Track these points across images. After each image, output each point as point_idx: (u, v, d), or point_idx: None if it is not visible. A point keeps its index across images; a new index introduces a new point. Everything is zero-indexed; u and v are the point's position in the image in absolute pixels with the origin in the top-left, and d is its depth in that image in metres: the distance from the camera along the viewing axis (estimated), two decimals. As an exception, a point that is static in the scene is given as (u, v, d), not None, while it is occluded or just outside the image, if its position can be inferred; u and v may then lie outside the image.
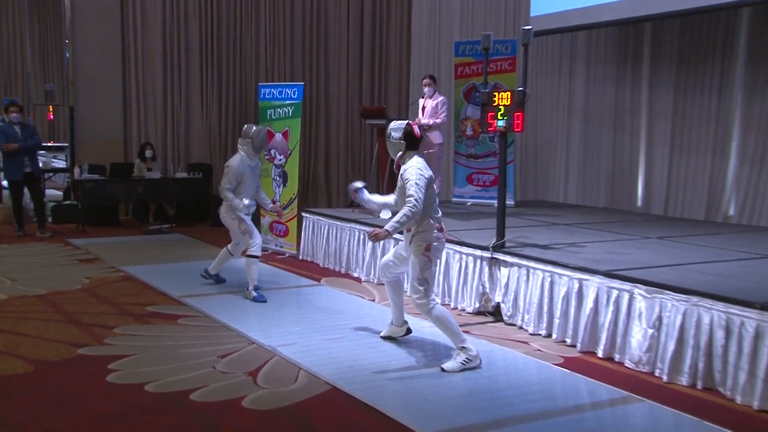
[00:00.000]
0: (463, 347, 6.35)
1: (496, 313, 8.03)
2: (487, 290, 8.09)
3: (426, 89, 11.11)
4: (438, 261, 7.06)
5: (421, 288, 6.36)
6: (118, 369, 6.19)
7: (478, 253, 8.17)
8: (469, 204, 12.24)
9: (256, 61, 15.31)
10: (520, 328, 7.67)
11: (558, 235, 9.01)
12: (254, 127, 8.83)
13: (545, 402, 5.72)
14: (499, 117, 7.90)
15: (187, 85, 14.98)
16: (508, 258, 7.87)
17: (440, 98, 11.08)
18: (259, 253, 8.71)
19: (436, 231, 6.46)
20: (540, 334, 7.42)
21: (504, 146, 8.21)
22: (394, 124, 6.68)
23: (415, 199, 6.18)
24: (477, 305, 8.17)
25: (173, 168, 14.39)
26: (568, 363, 6.65)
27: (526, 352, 6.91)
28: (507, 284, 7.87)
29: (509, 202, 11.02)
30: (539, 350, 7.00)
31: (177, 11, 14.74)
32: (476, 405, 5.61)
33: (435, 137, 11.00)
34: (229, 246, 9.06)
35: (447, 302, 8.48)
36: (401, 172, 6.48)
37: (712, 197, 11.23)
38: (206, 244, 12.20)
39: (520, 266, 7.73)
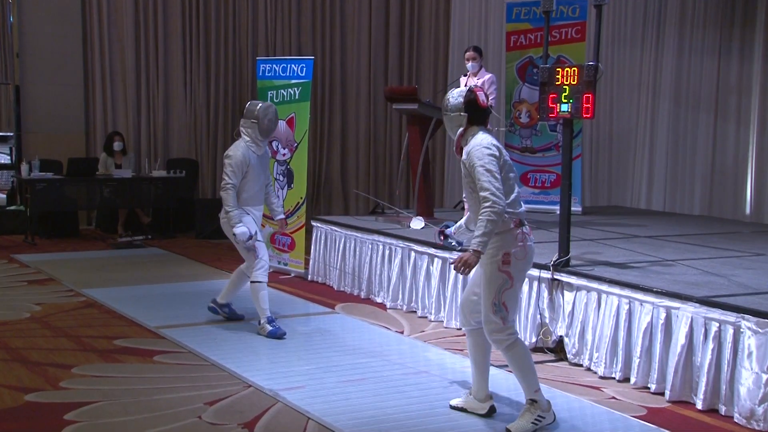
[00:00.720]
0: (534, 400, 5.97)
1: (558, 350, 8.04)
2: (547, 320, 8.09)
3: (469, 65, 11.12)
4: (524, 277, 6.41)
5: (497, 317, 5.91)
6: (77, 420, 6.11)
7: (536, 273, 8.14)
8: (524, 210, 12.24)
9: (254, 30, 15.36)
10: (589, 369, 7.65)
11: (639, 251, 9.01)
12: (260, 104, 8.60)
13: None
14: (564, 100, 7.92)
15: (166, 61, 14.94)
16: (573, 279, 7.87)
17: (487, 76, 11.08)
18: (265, 279, 8.51)
19: (517, 231, 5.97)
20: (614, 378, 7.43)
21: (569, 137, 8.22)
22: (453, 92, 6.28)
23: (491, 193, 5.66)
24: (534, 339, 8.17)
25: (148, 165, 14.42)
26: (654, 415, 6.61)
27: (596, 401, 6.90)
28: (572, 313, 7.86)
29: (576, 208, 11.05)
30: (614, 398, 6.98)
31: None
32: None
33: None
34: (243, 266, 8.79)
35: (496, 336, 8.47)
36: (464, 156, 6.03)
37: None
38: (190, 261, 12.27)
39: (589, 290, 7.72)
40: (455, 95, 6.16)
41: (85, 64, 14.84)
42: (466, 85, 10.97)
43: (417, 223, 10.36)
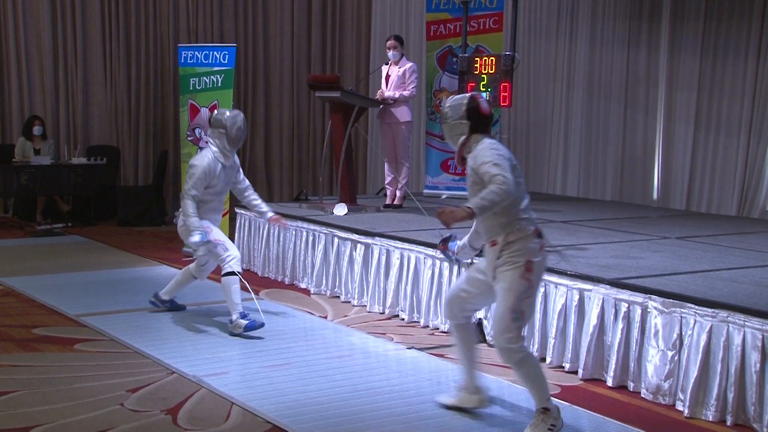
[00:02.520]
0: (546, 408, 5.55)
1: (478, 332, 8.08)
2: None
3: (391, 53, 11.17)
4: (539, 287, 6.11)
5: (515, 326, 5.46)
6: None
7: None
8: (444, 197, 12.36)
9: (175, 16, 15.24)
10: (508, 350, 7.73)
11: (554, 235, 9.08)
12: (227, 112, 8.11)
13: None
14: (482, 88, 8.03)
15: (84, 45, 14.66)
16: (493, 264, 7.94)
17: (408, 65, 11.14)
18: (239, 268, 8.05)
19: (537, 240, 5.60)
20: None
21: (488, 124, 8.29)
22: (450, 100, 5.88)
23: (502, 174, 5.25)
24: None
25: (68, 152, 14.16)
26: (567, 393, 6.71)
27: (514, 380, 6.86)
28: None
29: (494, 194, 11.08)
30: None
31: None
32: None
33: (402, 114, 11.12)
34: (192, 266, 8.48)
35: (416, 319, 8.56)
36: (469, 163, 5.61)
37: (746, 188, 11.46)
38: (112, 248, 12.16)
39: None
40: (454, 104, 5.76)
41: None
42: (387, 75, 11.14)
43: (340, 210, 10.37)
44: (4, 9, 14.35)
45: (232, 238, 11.08)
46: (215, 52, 11.42)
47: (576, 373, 7.11)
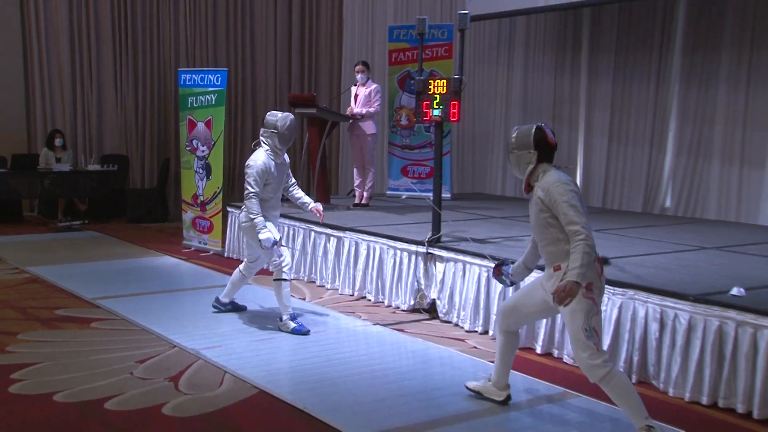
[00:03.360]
0: (650, 426, 4.84)
1: (431, 310, 8.17)
2: (423, 286, 8.22)
3: (359, 76, 11.24)
4: (602, 304, 5.43)
5: (591, 342, 4.92)
6: (23, 379, 6.01)
7: (413, 248, 8.29)
8: (404, 197, 12.40)
9: (176, 44, 15.20)
10: (456, 325, 7.79)
11: (495, 229, 9.20)
12: (279, 114, 7.58)
13: (481, 401, 5.80)
14: (435, 106, 8.03)
15: (99, 69, 14.60)
16: (443, 253, 8.00)
17: (374, 86, 11.22)
18: (290, 275, 7.52)
19: (597, 265, 5.05)
20: (476, 331, 7.57)
21: (440, 137, 8.34)
22: (517, 131, 5.31)
23: (582, 226, 4.84)
24: (412, 302, 8.28)
25: (85, 159, 14.13)
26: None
27: (461, 350, 7.04)
28: (443, 280, 8.00)
29: (445, 194, 11.16)
30: (475, 347, 7.14)
31: None
32: (411, 406, 5.71)
33: (368, 127, 11.14)
34: (241, 266, 7.91)
35: (381, 300, 8.62)
36: (538, 193, 5.10)
37: (649, 189, 11.60)
38: (122, 242, 12.12)
39: (456, 261, 7.86)
40: (521, 135, 5.21)
41: (25, 73, 14.31)
42: (356, 94, 11.17)
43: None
44: (31, 41, 14.25)
45: (224, 232, 11.11)
46: (210, 75, 11.38)
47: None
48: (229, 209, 11.19)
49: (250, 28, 15.48)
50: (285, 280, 7.36)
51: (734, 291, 6.13)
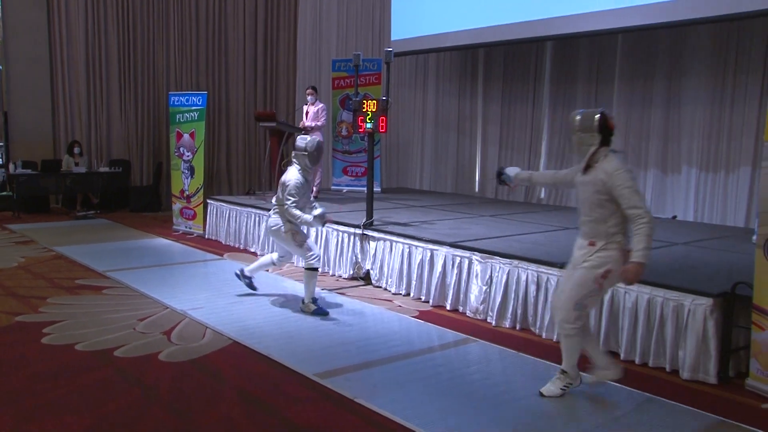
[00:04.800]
0: (564, 371, 4.79)
1: (366, 278, 8.17)
2: (359, 260, 8.21)
3: (309, 98, 11.18)
4: (607, 292, 5.08)
5: (575, 314, 4.55)
6: (52, 333, 5.98)
7: (352, 230, 8.29)
8: (345, 191, 12.36)
9: (167, 72, 14.93)
10: (385, 289, 7.81)
11: (415, 215, 9.23)
12: (308, 138, 6.93)
13: (405, 346, 5.87)
14: (368, 120, 8.03)
15: (108, 92, 14.35)
16: (375, 234, 8.01)
17: (320, 105, 11.15)
18: (319, 265, 6.90)
19: (624, 251, 4.46)
20: (401, 294, 7.59)
21: (372, 144, 8.34)
22: (580, 114, 4.59)
23: (645, 211, 4.26)
24: (351, 272, 8.28)
25: (97, 163, 13.90)
26: (423, 315, 6.85)
27: (389, 308, 7.07)
28: (375, 255, 8.01)
29: (377, 189, 11.19)
30: (400, 306, 7.17)
31: (98, 27, 13.98)
32: (350, 351, 5.72)
33: (316, 137, 11.04)
34: (274, 256, 7.30)
35: (326, 270, 8.56)
36: (599, 175, 4.43)
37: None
38: (126, 227, 11.89)
39: (385, 240, 7.88)
40: (585, 117, 4.54)
41: (52, 95, 13.85)
42: (306, 111, 11.10)
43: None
44: (56, 71, 13.87)
45: (205, 219, 10.98)
46: (193, 97, 11.24)
47: (428, 302, 7.23)
48: (209, 201, 11.05)
49: (225, 60, 15.28)
50: (315, 269, 6.77)
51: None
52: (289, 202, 6.66)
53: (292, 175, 6.79)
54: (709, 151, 9.47)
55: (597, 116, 4.47)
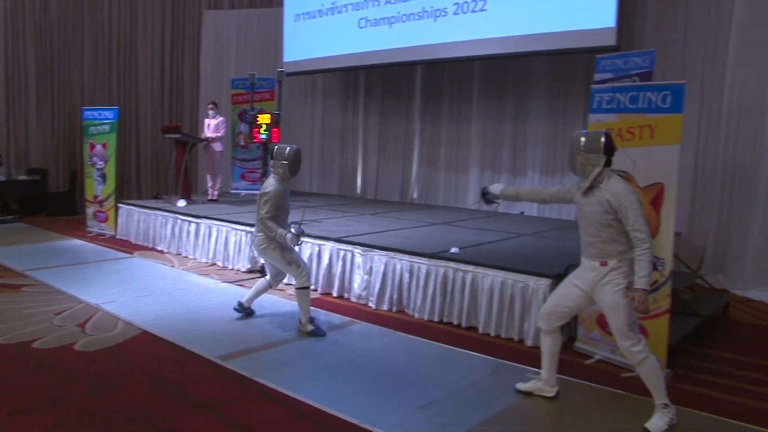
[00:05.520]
0: (666, 404, 4.02)
1: (261, 271, 8.02)
2: (255, 255, 8.13)
3: (210, 112, 11.02)
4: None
5: (633, 334, 3.99)
6: None
7: (249, 229, 8.18)
8: (243, 194, 12.21)
9: (81, 88, 14.25)
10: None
11: (306, 214, 9.21)
12: (288, 148, 5.84)
13: (296, 330, 5.87)
14: (262, 131, 8.02)
15: (26, 105, 13.47)
16: (269, 232, 7.96)
17: (221, 118, 11.02)
18: (309, 283, 5.87)
19: (631, 268, 4.00)
20: (292, 284, 7.43)
21: (266, 152, 8.31)
22: (586, 135, 4.08)
23: (647, 236, 3.85)
24: (248, 266, 8.20)
25: (16, 172, 13.15)
26: (313, 302, 6.66)
27: (284, 297, 7.05)
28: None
29: (271, 192, 11.09)
30: (292, 295, 7.02)
31: (17, 44, 13.06)
32: (249, 336, 5.70)
33: (217, 147, 10.94)
34: (268, 277, 6.20)
35: (227, 264, 8.45)
36: (603, 195, 3.99)
37: (403, 187, 11.95)
38: (43, 230, 11.27)
39: (278, 237, 7.84)
40: (591, 138, 4.04)
41: None
42: (208, 124, 10.92)
43: (181, 203, 10.11)
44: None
45: (115, 222, 10.60)
46: (105, 111, 10.79)
47: (316, 290, 7.22)
48: (120, 205, 10.64)
49: (135, 77, 14.73)
50: (307, 287, 5.80)
51: (453, 250, 6.45)
52: (264, 212, 5.71)
53: (269, 183, 5.79)
54: (549, 158, 9.94)
55: (603, 138, 4.02)
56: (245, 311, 6.26)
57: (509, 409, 4.31)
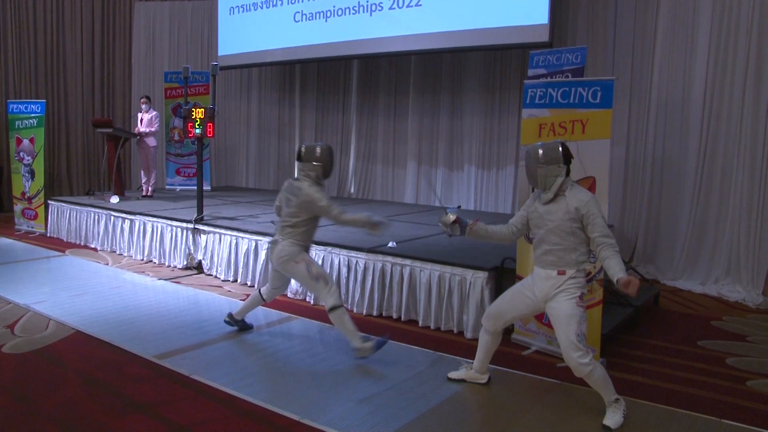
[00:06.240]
0: (617, 398, 4.08)
1: (198, 268, 7.98)
2: (192, 251, 8.01)
3: (143, 106, 10.73)
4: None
5: (582, 345, 3.94)
6: None
7: (185, 225, 8.06)
8: (178, 190, 11.96)
9: (6, 81, 13.68)
10: (216, 276, 7.68)
11: (241, 210, 9.11)
12: (317, 147, 5.06)
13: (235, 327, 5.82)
14: (197, 126, 7.85)
15: None
16: (206, 228, 7.84)
17: (154, 113, 10.74)
18: (341, 302, 5.00)
19: (585, 277, 4.08)
20: (229, 280, 7.49)
21: (201, 148, 8.14)
22: (542, 147, 4.08)
23: (611, 238, 3.93)
24: (185, 263, 8.06)
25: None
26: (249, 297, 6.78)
27: (220, 293, 6.97)
28: (206, 246, 7.84)
29: (207, 187, 10.97)
30: (229, 291, 7.09)
31: None
32: (186, 334, 5.60)
33: (151, 141, 10.68)
34: (263, 289, 5.51)
35: (163, 261, 8.29)
36: (569, 204, 3.99)
37: (341, 181, 11.93)
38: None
39: (214, 233, 7.73)
40: (551, 148, 4.05)
41: None
42: (141, 118, 10.65)
43: (114, 199, 9.82)
44: None
45: (45, 219, 10.24)
46: (32, 105, 10.41)
47: (253, 286, 7.17)
48: (50, 202, 10.30)
49: (63, 70, 14.22)
50: (339, 306, 4.95)
51: (390, 244, 6.48)
52: (333, 208, 4.97)
53: (309, 188, 5.00)
54: (484, 153, 10.07)
55: (560, 148, 4.04)
56: (239, 325, 5.66)
57: (448, 401, 4.36)
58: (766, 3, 7.23)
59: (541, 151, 4.05)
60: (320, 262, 6.54)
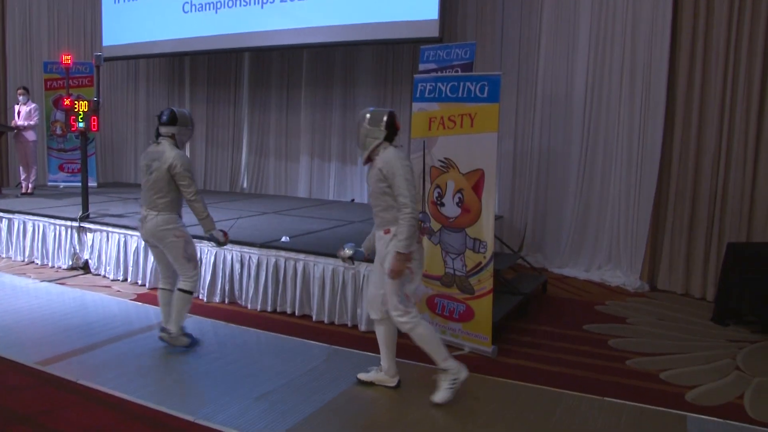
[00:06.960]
0: (444, 369, 4.21)
1: (85, 268, 7.62)
2: (77, 251, 7.64)
3: (20, 98, 10.18)
4: (422, 272, 4.36)
5: (402, 306, 4.12)
6: None
7: (69, 223, 7.67)
8: (62, 186, 11.36)
9: None
10: (104, 276, 7.37)
11: (129, 207, 8.77)
12: (186, 110, 5.20)
13: (125, 327, 5.62)
14: (80, 120, 7.52)
15: None
16: (92, 226, 7.51)
17: (33, 105, 10.20)
18: (195, 290, 5.05)
19: (418, 234, 4.13)
20: (119, 279, 7.21)
21: (85, 142, 7.80)
22: (371, 110, 4.25)
23: (411, 200, 3.96)
24: (70, 263, 7.68)
25: None
26: (141, 297, 6.58)
27: (109, 294, 6.71)
28: (92, 245, 7.51)
29: (92, 184, 10.50)
30: (119, 291, 6.83)
31: None
32: (72, 337, 5.36)
33: (30, 135, 10.13)
34: (161, 282, 5.14)
35: (46, 262, 7.86)
36: (378, 164, 4.12)
37: (233, 176, 11.73)
38: None
39: (101, 231, 7.42)
40: (378, 113, 4.20)
41: None
42: (18, 111, 10.05)
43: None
44: None
45: None
46: None
47: (144, 285, 6.97)
48: None
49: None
50: (190, 292, 4.98)
51: (283, 239, 6.43)
52: (192, 193, 4.91)
53: (182, 154, 4.93)
54: (378, 146, 10.16)
55: (386, 116, 4.20)
56: (189, 338, 5.11)
57: (342, 395, 4.38)
58: (639, 4, 7.67)
59: (368, 115, 4.22)
60: (211, 259, 6.42)
